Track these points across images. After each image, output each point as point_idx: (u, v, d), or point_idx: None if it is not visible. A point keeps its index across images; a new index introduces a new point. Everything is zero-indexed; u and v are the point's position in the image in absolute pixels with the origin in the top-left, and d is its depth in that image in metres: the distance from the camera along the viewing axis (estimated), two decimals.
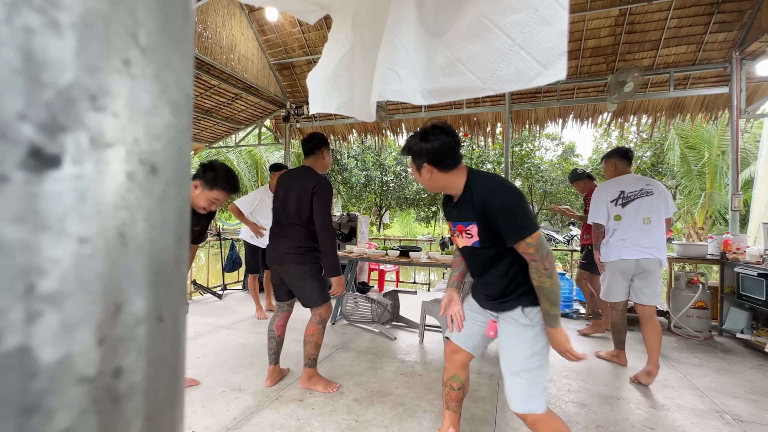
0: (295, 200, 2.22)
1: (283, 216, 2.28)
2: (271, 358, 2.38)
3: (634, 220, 2.61)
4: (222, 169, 2.01)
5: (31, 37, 0.16)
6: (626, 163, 2.81)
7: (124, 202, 0.19)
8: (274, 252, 2.27)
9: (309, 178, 2.24)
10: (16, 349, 0.16)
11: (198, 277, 5.48)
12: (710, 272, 7.28)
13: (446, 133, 1.35)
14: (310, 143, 2.38)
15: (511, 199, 1.29)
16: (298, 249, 2.21)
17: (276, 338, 2.37)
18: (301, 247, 2.21)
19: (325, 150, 2.40)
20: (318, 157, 2.37)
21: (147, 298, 0.21)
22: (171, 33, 0.22)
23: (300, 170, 2.33)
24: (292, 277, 2.23)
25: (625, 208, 2.65)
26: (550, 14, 1.06)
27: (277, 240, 2.29)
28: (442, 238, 4.49)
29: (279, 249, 2.25)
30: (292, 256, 2.20)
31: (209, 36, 4.44)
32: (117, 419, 0.19)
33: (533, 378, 1.34)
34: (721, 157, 9.69)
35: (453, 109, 5.50)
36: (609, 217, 2.70)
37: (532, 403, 1.32)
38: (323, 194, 2.20)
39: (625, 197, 2.67)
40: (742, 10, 3.91)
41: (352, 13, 1.70)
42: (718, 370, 2.73)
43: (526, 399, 1.33)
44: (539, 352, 1.36)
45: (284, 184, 2.34)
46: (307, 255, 2.22)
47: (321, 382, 2.30)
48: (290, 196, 2.25)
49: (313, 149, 2.37)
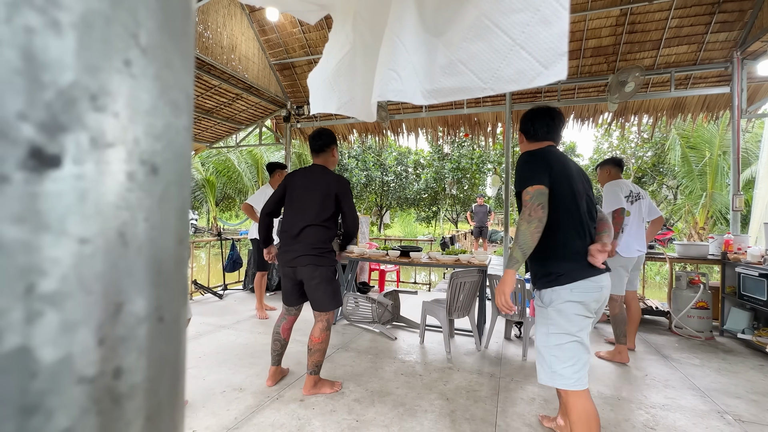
0: (320, 199, 2.18)
1: (298, 217, 2.19)
2: (274, 360, 2.38)
3: (638, 218, 2.93)
4: None
5: (32, 37, 0.16)
6: (619, 170, 3.04)
7: (124, 202, 0.19)
8: (289, 255, 2.18)
9: (330, 180, 2.22)
10: (16, 350, 0.16)
11: (198, 277, 5.49)
12: (711, 272, 7.27)
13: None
14: (319, 140, 2.31)
15: (521, 161, 1.57)
16: (316, 250, 2.15)
17: (281, 341, 2.36)
18: (319, 248, 2.16)
19: (335, 147, 2.38)
20: (328, 154, 2.35)
21: (147, 298, 0.21)
22: (172, 33, 0.22)
23: (316, 170, 2.28)
24: (310, 279, 2.16)
25: (633, 206, 2.92)
26: (551, 14, 1.06)
27: (290, 243, 2.20)
28: (443, 238, 4.49)
29: (294, 251, 2.17)
30: (309, 258, 2.14)
31: (210, 36, 4.44)
32: (117, 419, 0.19)
33: (549, 356, 1.49)
34: (722, 157, 9.68)
35: (453, 109, 5.50)
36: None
37: (553, 379, 1.48)
38: (350, 195, 2.25)
39: (633, 196, 2.94)
40: (743, 10, 3.90)
41: (352, 13, 1.70)
42: (719, 371, 2.73)
43: (546, 374, 1.51)
44: (554, 333, 1.48)
45: (299, 184, 2.26)
46: (325, 257, 2.18)
47: (326, 385, 2.29)
48: (308, 197, 2.20)
49: (323, 147, 2.32)
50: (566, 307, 1.47)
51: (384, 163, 18.31)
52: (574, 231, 1.51)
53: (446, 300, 2.88)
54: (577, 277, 1.47)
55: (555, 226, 1.49)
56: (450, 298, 2.85)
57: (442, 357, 2.86)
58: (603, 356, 2.91)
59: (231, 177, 17.19)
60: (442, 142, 6.30)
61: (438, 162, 17.55)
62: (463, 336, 3.38)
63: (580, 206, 1.53)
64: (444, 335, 2.95)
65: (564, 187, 1.50)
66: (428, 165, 18.17)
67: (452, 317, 2.94)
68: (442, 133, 6.03)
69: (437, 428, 1.90)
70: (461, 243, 11.07)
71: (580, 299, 1.46)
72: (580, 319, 1.46)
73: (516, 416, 2.03)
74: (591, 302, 1.47)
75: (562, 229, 1.50)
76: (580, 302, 1.46)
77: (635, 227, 2.90)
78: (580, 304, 1.46)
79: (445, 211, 19.37)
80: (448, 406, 2.12)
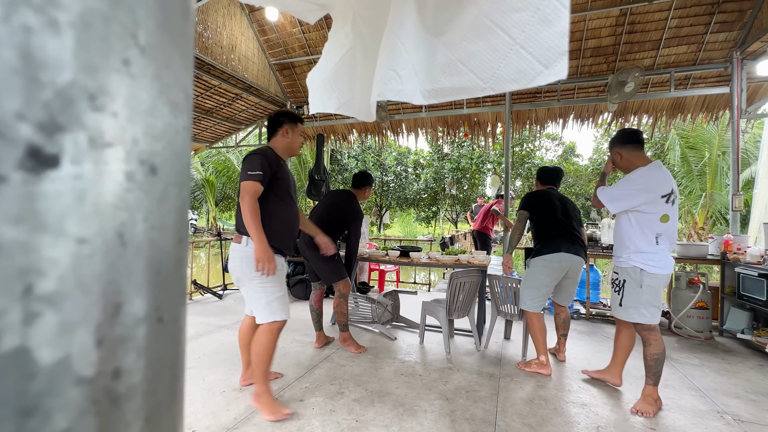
0: (335, 216, 2.93)
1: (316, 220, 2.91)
2: (316, 327, 3.03)
3: (675, 223, 2.15)
4: None
5: (30, 37, 0.16)
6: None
7: (123, 202, 0.19)
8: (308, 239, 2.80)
9: (349, 207, 2.94)
10: (14, 351, 0.16)
11: (198, 277, 5.48)
12: (711, 272, 7.27)
13: None
14: (361, 179, 3.10)
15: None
16: (312, 241, 2.74)
17: (315, 311, 3.01)
18: None
19: (368, 189, 3.14)
20: (361, 191, 3.09)
21: (146, 299, 0.21)
22: (171, 33, 0.22)
23: (344, 195, 3.03)
24: (314, 260, 2.85)
25: (674, 206, 2.11)
26: (551, 13, 1.05)
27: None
28: (443, 238, 4.49)
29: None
30: (310, 244, 2.80)
31: (209, 36, 4.44)
32: (116, 420, 0.19)
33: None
34: (722, 157, 9.69)
35: (453, 109, 5.50)
36: (654, 216, 2.09)
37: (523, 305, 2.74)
38: (358, 223, 2.98)
39: (674, 192, 2.11)
40: (743, 10, 3.90)
41: (352, 13, 1.70)
42: (718, 371, 2.73)
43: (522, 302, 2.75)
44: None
45: (326, 199, 3.08)
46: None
47: (353, 344, 2.92)
48: (327, 211, 2.95)
49: (362, 184, 3.11)
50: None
51: (384, 163, 18.31)
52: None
53: (446, 300, 2.88)
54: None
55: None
56: (450, 298, 2.85)
57: (442, 357, 2.86)
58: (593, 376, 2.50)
59: (231, 177, 17.19)
60: (441, 142, 6.30)
61: (438, 162, 17.56)
62: (462, 336, 3.38)
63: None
64: (444, 335, 2.95)
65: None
66: (428, 165, 18.17)
67: (452, 317, 2.94)
68: (441, 133, 6.03)
69: (437, 428, 1.90)
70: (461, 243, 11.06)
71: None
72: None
73: (516, 416, 2.03)
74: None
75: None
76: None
77: (673, 234, 2.14)
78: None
79: (445, 211, 19.38)
80: (447, 406, 2.12)
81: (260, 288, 1.94)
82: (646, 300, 2.10)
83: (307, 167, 15.03)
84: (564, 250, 2.64)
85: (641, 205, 2.10)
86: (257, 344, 1.98)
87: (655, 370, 2.10)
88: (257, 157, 1.93)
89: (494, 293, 3.09)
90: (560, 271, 2.68)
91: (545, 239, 2.72)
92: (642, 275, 2.10)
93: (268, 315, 1.95)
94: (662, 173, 2.11)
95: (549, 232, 2.73)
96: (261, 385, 1.97)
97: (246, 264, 1.91)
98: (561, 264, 2.65)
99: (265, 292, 1.94)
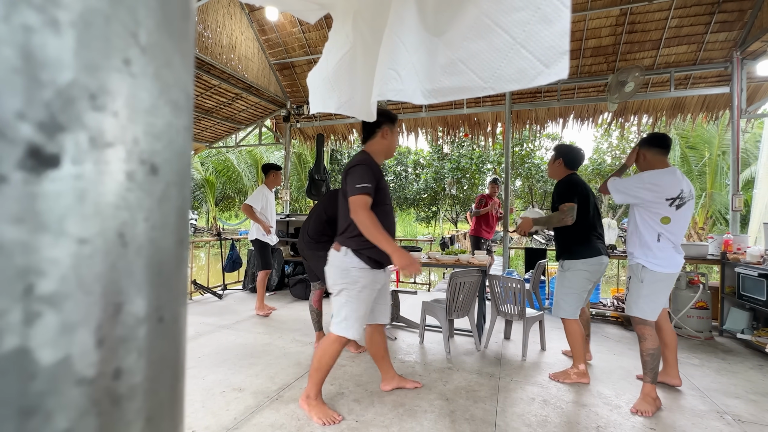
0: (334, 215, 2.87)
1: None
2: (316, 327, 3.02)
3: (685, 225, 2.21)
4: None
5: (30, 36, 0.16)
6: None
7: (124, 202, 0.19)
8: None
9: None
10: (15, 351, 0.16)
11: (198, 277, 5.48)
12: (711, 272, 7.27)
13: None
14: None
15: (559, 182, 2.62)
16: (311, 241, 2.91)
17: (315, 311, 3.01)
18: (316, 242, 2.88)
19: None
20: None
21: (147, 299, 0.21)
22: (171, 32, 0.22)
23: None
24: (313, 260, 2.90)
25: (679, 210, 2.16)
26: (552, 12, 1.05)
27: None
28: (443, 238, 4.49)
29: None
30: (309, 244, 2.91)
31: (209, 36, 4.44)
32: (117, 420, 0.19)
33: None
34: (722, 157, 9.70)
35: (453, 108, 5.50)
36: (655, 216, 2.18)
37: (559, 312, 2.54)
38: None
39: (681, 198, 2.16)
40: (743, 10, 3.90)
41: (352, 13, 1.70)
42: (718, 371, 2.73)
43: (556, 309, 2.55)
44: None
45: (324, 198, 3.09)
46: (321, 244, 2.82)
47: (353, 344, 2.87)
48: (325, 211, 2.91)
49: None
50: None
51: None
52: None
53: (446, 300, 2.88)
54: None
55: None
56: (449, 298, 2.85)
57: (442, 357, 2.86)
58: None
59: (231, 177, 17.18)
60: (441, 142, 6.30)
61: (437, 162, 17.55)
62: (462, 336, 3.38)
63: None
64: (444, 335, 2.95)
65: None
66: (428, 165, 18.17)
67: (452, 317, 2.93)
68: (441, 133, 6.03)
69: (437, 428, 1.90)
70: (461, 243, 11.06)
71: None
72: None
73: (516, 416, 2.03)
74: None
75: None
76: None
77: (681, 234, 2.22)
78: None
79: (445, 211, 19.38)
80: (447, 406, 2.12)
81: (345, 301, 1.94)
82: (645, 295, 2.17)
83: (307, 167, 15.04)
84: (603, 253, 2.48)
85: (643, 202, 2.22)
86: (322, 350, 1.97)
87: (651, 366, 2.14)
88: (364, 169, 1.89)
89: (494, 293, 3.09)
90: (599, 274, 2.52)
91: (582, 240, 2.49)
92: (643, 271, 2.20)
93: (342, 329, 1.94)
94: (673, 178, 2.17)
95: (587, 232, 2.50)
96: (314, 389, 1.99)
97: (339, 274, 1.94)
98: (601, 268, 2.49)
99: (348, 308, 1.93)
